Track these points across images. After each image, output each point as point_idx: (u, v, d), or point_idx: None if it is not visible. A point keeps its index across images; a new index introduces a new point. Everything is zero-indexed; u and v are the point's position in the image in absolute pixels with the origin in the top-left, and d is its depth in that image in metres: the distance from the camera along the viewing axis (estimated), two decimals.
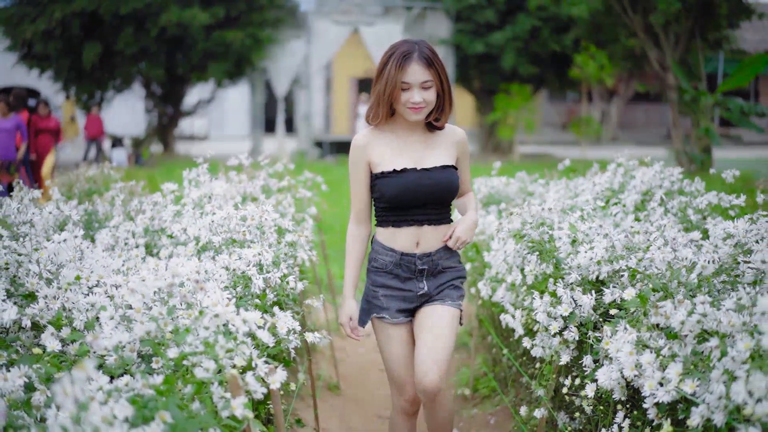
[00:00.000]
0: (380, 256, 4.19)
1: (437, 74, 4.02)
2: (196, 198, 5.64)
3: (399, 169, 4.08)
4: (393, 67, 3.95)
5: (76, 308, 3.57)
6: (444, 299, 4.19)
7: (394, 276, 4.17)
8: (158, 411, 2.66)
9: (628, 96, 41.47)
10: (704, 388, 2.94)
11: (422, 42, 4.06)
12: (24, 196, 5.68)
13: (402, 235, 4.14)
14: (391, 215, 4.15)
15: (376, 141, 4.16)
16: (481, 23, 30.25)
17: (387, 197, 4.09)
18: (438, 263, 4.18)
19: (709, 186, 6.42)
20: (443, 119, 4.17)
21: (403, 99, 4.01)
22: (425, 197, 4.09)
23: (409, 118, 4.06)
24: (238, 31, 27.73)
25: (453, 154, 4.21)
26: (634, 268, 3.98)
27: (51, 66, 27.69)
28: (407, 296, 4.18)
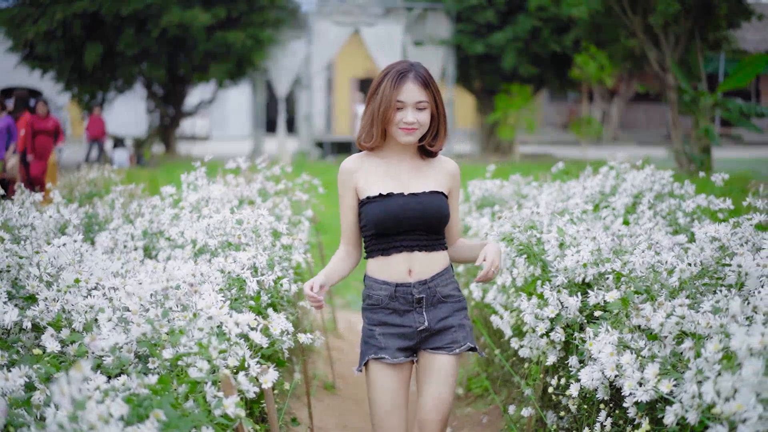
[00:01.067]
0: (374, 292, 3.96)
1: (432, 97, 3.89)
2: (193, 201, 5.75)
3: (385, 194, 3.91)
4: (388, 86, 3.82)
5: (75, 310, 3.67)
6: (451, 347, 3.95)
7: (392, 311, 3.93)
8: (152, 410, 2.77)
9: (629, 96, 41.55)
10: (681, 388, 3.06)
11: (418, 63, 3.94)
12: (25, 199, 5.80)
13: (393, 263, 3.92)
14: (379, 243, 3.94)
15: (365, 166, 3.99)
16: (482, 24, 30.34)
17: (372, 222, 3.90)
18: (436, 291, 3.94)
19: (705, 188, 6.51)
20: (437, 144, 3.99)
21: (397, 119, 3.85)
22: (413, 223, 3.90)
23: (401, 139, 3.88)
24: (239, 31, 27.83)
25: (444, 185, 4.02)
26: (618, 271, 4.08)
27: (53, 67, 27.83)
28: (407, 333, 3.92)
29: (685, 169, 21.78)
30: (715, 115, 22.90)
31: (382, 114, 3.84)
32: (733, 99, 23.05)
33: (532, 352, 4.52)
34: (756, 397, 2.53)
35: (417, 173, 3.99)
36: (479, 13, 30.26)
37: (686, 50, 22.92)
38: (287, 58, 29.97)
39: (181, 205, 5.78)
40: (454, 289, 4.02)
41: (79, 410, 2.29)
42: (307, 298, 3.95)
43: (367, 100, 3.93)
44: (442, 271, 3.98)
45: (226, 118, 48.47)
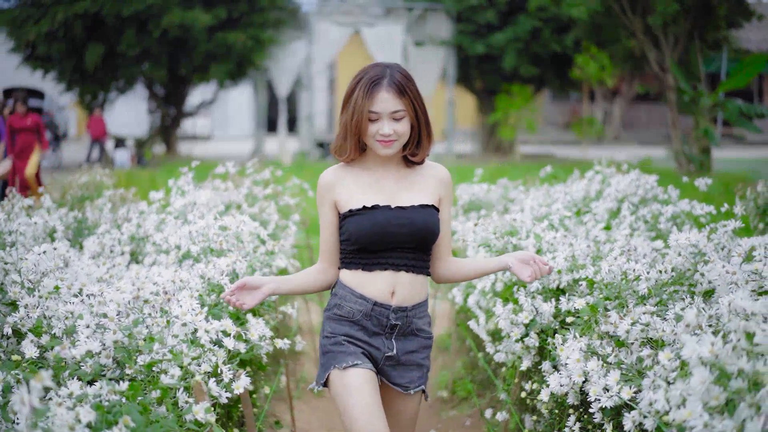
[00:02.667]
0: (347, 304, 3.60)
1: (411, 103, 3.53)
2: (179, 207, 5.83)
3: (369, 206, 3.56)
4: (360, 95, 3.48)
5: (55, 317, 3.74)
6: (408, 388, 3.67)
7: (361, 328, 3.60)
8: (122, 416, 2.85)
9: (631, 96, 41.60)
10: (641, 394, 3.13)
11: (395, 66, 3.57)
12: (15, 204, 5.87)
13: (375, 280, 3.57)
14: (361, 258, 3.60)
15: (345, 178, 3.65)
16: (482, 24, 30.41)
17: (355, 237, 3.55)
18: (411, 322, 3.64)
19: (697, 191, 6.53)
20: (421, 153, 3.64)
21: (372, 131, 3.51)
22: (400, 239, 3.56)
23: (379, 152, 3.56)
24: (240, 32, 27.92)
25: (435, 195, 3.68)
26: (589, 278, 4.15)
27: (54, 67, 27.96)
28: (372, 353, 3.61)
29: (685, 170, 21.86)
30: (717, 115, 22.96)
31: (354, 126, 3.51)
32: (733, 99, 23.11)
33: (507, 356, 4.59)
34: (703, 406, 2.60)
35: (404, 183, 3.66)
36: (480, 14, 30.33)
37: (686, 50, 23.00)
38: (288, 58, 30.07)
39: (168, 210, 5.86)
40: (427, 324, 3.73)
41: (39, 419, 2.36)
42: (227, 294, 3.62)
43: (341, 109, 3.60)
44: (422, 302, 3.69)
45: (227, 118, 48.61)
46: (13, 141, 14.56)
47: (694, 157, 22.03)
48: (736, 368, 2.60)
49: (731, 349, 2.66)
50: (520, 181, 8.17)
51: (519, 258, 3.67)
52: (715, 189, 13.10)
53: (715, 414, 2.59)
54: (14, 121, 14.56)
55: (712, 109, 22.01)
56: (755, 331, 2.67)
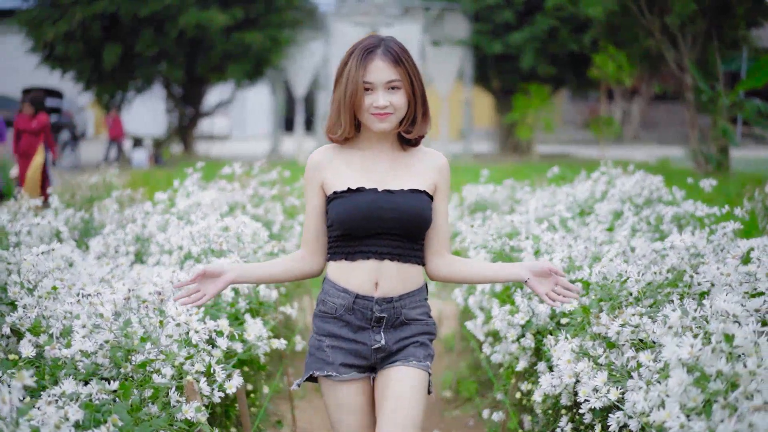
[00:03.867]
0: (330, 299, 3.40)
1: (407, 74, 3.32)
2: (183, 208, 5.87)
3: (354, 188, 3.34)
4: (354, 65, 3.28)
5: (53, 316, 3.79)
6: (408, 358, 3.39)
7: (345, 324, 3.38)
8: (110, 415, 2.90)
9: (650, 95, 41.45)
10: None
11: (390, 38, 3.37)
12: (22, 204, 5.94)
13: (357, 271, 3.35)
14: (344, 245, 3.38)
15: (335, 159, 3.43)
16: (500, 23, 30.38)
17: (337, 221, 3.33)
18: (401, 313, 3.39)
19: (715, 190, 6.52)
20: (415, 130, 3.40)
21: (366, 103, 3.29)
22: (384, 225, 3.32)
23: (374, 126, 3.32)
24: (257, 32, 27.99)
25: (429, 181, 3.44)
26: (584, 279, 4.17)
27: (72, 67, 28.10)
28: (360, 350, 3.37)
29: (703, 170, 21.78)
30: (737, 114, 22.86)
31: (349, 99, 3.28)
32: (751, 99, 22.99)
33: (504, 357, 4.62)
34: (681, 407, 2.62)
35: (397, 168, 3.44)
36: (497, 13, 30.30)
37: (704, 50, 22.89)
38: (305, 58, 30.15)
39: (173, 210, 5.90)
40: (422, 314, 3.46)
41: (21, 417, 2.41)
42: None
43: (334, 84, 3.37)
44: (413, 291, 3.42)
45: (246, 117, 48.76)
46: (17, 142, 14.49)
47: (712, 157, 21.92)
48: (714, 370, 2.63)
49: (710, 351, 2.68)
50: (527, 181, 8.16)
51: (536, 270, 3.39)
52: (732, 189, 13.08)
53: (693, 416, 2.61)
54: (20, 122, 14.47)
55: (731, 109, 21.91)
56: (734, 333, 2.69)
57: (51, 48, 27.36)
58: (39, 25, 27.00)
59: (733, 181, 16.37)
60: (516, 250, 4.90)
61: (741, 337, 2.69)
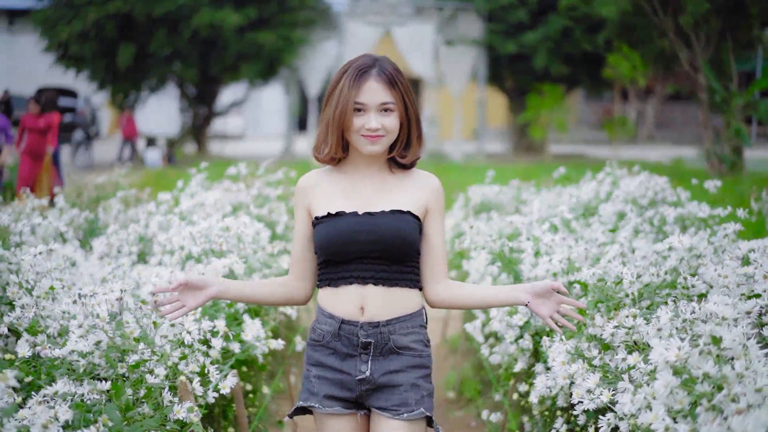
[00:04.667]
0: (318, 326, 3.28)
1: (401, 97, 3.21)
2: (185, 208, 5.89)
3: (334, 213, 3.22)
4: (346, 85, 3.17)
5: (51, 317, 3.81)
6: (398, 410, 3.21)
7: (332, 351, 3.23)
8: (101, 415, 2.91)
9: (665, 95, 41.33)
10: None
11: (385, 58, 3.30)
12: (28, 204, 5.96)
13: (342, 296, 3.22)
14: (328, 271, 3.25)
15: (321, 183, 3.32)
16: (513, 23, 30.35)
17: (319, 246, 3.23)
18: (389, 339, 3.21)
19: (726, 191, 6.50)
20: (410, 155, 3.29)
21: (357, 125, 3.17)
22: (363, 248, 3.19)
23: (364, 149, 3.20)
24: (270, 32, 28.05)
25: (418, 203, 3.29)
26: (582, 281, 4.16)
27: (87, 67, 28.22)
28: (345, 381, 3.22)
29: (716, 170, 21.71)
30: (752, 115, 22.78)
31: (338, 119, 3.16)
32: (766, 99, 22.91)
33: (502, 358, 4.62)
34: (668, 410, 2.62)
35: (383, 190, 3.29)
36: (510, 13, 30.27)
37: (717, 50, 22.81)
38: (318, 58, 30.17)
39: (175, 211, 5.93)
40: (415, 341, 3.26)
41: (5, 417, 2.42)
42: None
43: (324, 102, 3.25)
44: (404, 316, 3.25)
45: (260, 117, 48.81)
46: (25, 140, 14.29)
47: (725, 158, 21.85)
48: (701, 372, 2.63)
49: (698, 353, 2.68)
50: (534, 182, 8.16)
51: (535, 291, 3.23)
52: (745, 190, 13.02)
53: (680, 418, 2.61)
54: (26, 121, 14.38)
55: (745, 109, 21.84)
56: (722, 335, 2.69)
57: (65, 48, 27.49)
58: (53, 24, 27.15)
59: (746, 181, 16.32)
60: (516, 251, 4.90)
61: (729, 339, 2.69)
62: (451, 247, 6.97)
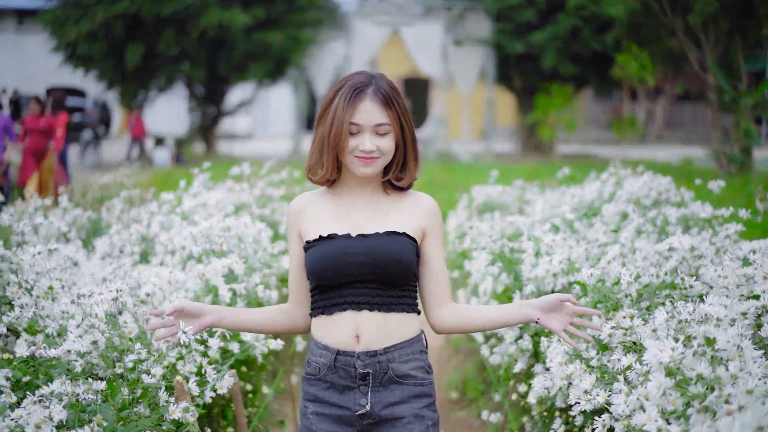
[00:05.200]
0: (314, 358, 3.11)
1: (397, 117, 3.07)
2: (187, 208, 5.90)
3: (325, 236, 3.07)
4: (341, 104, 3.03)
5: (50, 316, 3.81)
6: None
7: (329, 385, 3.06)
8: (95, 414, 2.92)
9: (675, 95, 41.24)
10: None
11: (381, 76, 3.13)
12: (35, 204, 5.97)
13: (335, 325, 3.05)
14: (322, 299, 3.09)
15: (312, 206, 3.18)
16: (522, 23, 30.33)
17: (310, 271, 3.07)
18: (388, 367, 3.04)
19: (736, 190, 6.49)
20: (406, 178, 3.15)
21: (351, 146, 3.04)
22: (356, 272, 3.03)
23: (358, 171, 3.07)
24: (278, 32, 28.09)
25: (414, 225, 3.14)
26: (581, 281, 4.15)
27: (95, 66, 28.31)
28: (344, 416, 3.04)
29: (725, 170, 21.65)
30: (761, 114, 22.72)
31: (333, 140, 3.02)
32: None
33: (502, 358, 4.62)
34: (661, 411, 2.62)
35: (377, 212, 3.15)
36: (519, 13, 30.25)
37: (726, 50, 22.76)
38: (326, 58, 30.19)
39: (177, 211, 5.94)
40: (416, 369, 3.09)
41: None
42: None
43: (317, 121, 3.12)
44: (403, 342, 3.07)
45: (269, 116, 48.87)
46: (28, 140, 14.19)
47: (735, 157, 21.79)
48: (694, 373, 2.62)
49: (691, 355, 2.68)
50: (538, 182, 8.15)
51: (544, 306, 3.09)
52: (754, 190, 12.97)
53: (673, 419, 2.61)
54: (28, 122, 14.29)
55: (754, 109, 21.78)
56: (715, 336, 2.69)
57: (73, 47, 27.58)
58: (62, 24, 27.30)
59: (755, 181, 16.28)
60: (516, 251, 4.89)
61: (723, 340, 2.68)
62: (453, 247, 6.98)
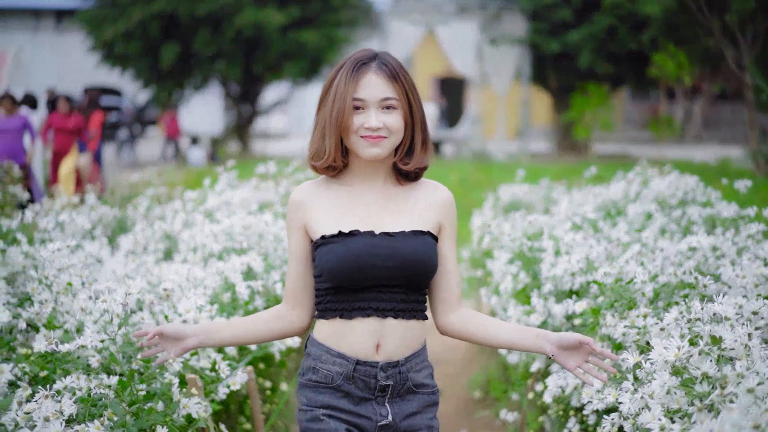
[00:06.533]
0: (324, 366, 2.84)
1: (404, 93, 2.82)
2: (210, 206, 5.95)
3: (346, 231, 2.81)
4: (343, 80, 2.80)
5: (68, 312, 3.85)
6: None
7: (344, 394, 2.83)
8: (106, 409, 2.96)
9: (713, 94, 40.90)
10: None
11: (386, 53, 2.88)
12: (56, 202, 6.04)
13: (355, 332, 2.82)
14: (339, 301, 2.83)
15: (319, 197, 2.90)
16: (557, 22, 30.19)
17: (328, 272, 2.80)
18: (407, 378, 2.87)
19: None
20: (413, 162, 2.89)
21: (356, 124, 2.79)
22: (383, 275, 2.80)
23: (364, 152, 2.81)
24: (313, 31, 28.18)
25: (431, 220, 2.92)
26: (597, 281, 4.14)
27: (131, 65, 28.56)
28: (363, 425, 2.85)
29: (763, 170, 21.46)
30: None
31: (336, 119, 2.78)
32: None
33: (520, 357, 4.61)
34: (666, 410, 2.61)
35: (393, 204, 2.91)
36: (555, 11, 30.10)
37: (764, 49, 22.54)
38: None
39: (200, 209, 5.98)
40: (428, 376, 2.96)
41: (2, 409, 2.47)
42: None
43: (318, 103, 2.89)
44: (418, 351, 2.92)
45: (305, 115, 48.98)
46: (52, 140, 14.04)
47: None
48: (699, 372, 2.61)
49: (697, 353, 2.67)
50: (565, 181, 8.13)
51: (562, 344, 2.81)
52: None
53: (677, 418, 2.61)
54: (54, 120, 14.10)
55: None
56: (722, 335, 2.68)
57: (110, 47, 27.83)
58: (99, 24, 27.57)
59: None
60: (535, 250, 4.88)
61: (731, 339, 2.67)
62: (477, 245, 6.97)
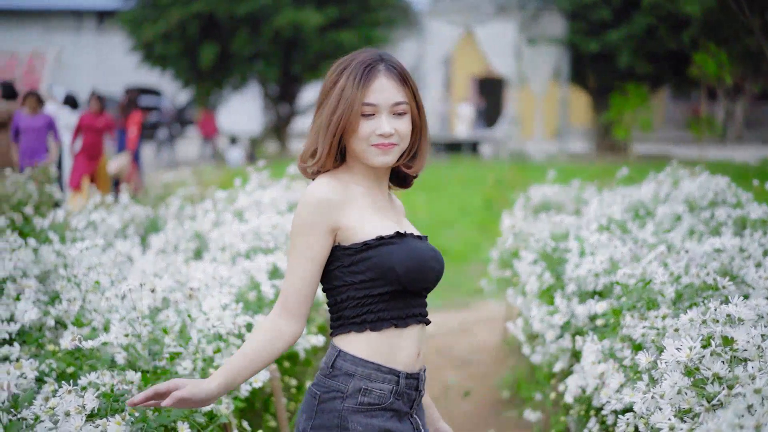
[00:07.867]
0: (375, 385, 2.60)
1: (413, 96, 2.69)
2: (239, 206, 6.01)
3: (402, 233, 2.64)
4: (351, 83, 2.62)
5: (96, 310, 3.92)
6: None
7: (393, 413, 2.63)
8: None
9: (755, 94, 40.49)
10: None
11: (388, 53, 2.76)
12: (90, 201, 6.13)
13: (405, 342, 2.65)
14: (392, 309, 2.63)
15: (354, 196, 2.67)
16: (596, 22, 30.05)
17: (392, 272, 2.58)
18: (424, 387, 2.77)
19: None
20: (416, 165, 2.78)
21: (366, 131, 2.63)
22: (435, 278, 2.70)
23: (374, 160, 2.66)
24: (351, 31, 28.29)
25: None
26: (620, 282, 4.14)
27: (171, 66, 28.82)
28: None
29: None
30: None
31: (337, 123, 2.61)
32: None
33: (544, 357, 4.63)
34: (676, 410, 2.62)
35: (395, 211, 2.81)
36: (594, 11, 29.97)
37: None
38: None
39: (230, 208, 6.05)
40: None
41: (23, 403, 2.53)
42: None
43: (316, 107, 2.72)
44: None
45: None
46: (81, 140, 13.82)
47: None
48: (710, 373, 2.62)
49: (709, 354, 2.68)
50: (596, 182, 8.12)
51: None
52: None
53: (688, 418, 2.62)
54: (84, 119, 13.85)
55: None
56: (734, 336, 2.68)
57: (150, 47, 28.10)
58: (139, 25, 27.89)
59: None
60: (560, 250, 4.89)
61: (743, 340, 2.68)
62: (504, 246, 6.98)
